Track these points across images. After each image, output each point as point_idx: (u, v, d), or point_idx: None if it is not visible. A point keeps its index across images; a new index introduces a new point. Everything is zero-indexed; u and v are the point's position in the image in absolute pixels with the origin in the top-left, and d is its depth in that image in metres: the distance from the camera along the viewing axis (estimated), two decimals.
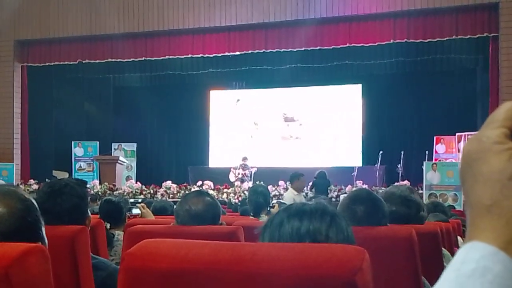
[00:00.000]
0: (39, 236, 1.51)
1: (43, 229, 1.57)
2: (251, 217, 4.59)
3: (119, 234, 3.87)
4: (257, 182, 11.29)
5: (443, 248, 3.01)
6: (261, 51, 12.84)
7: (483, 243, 0.52)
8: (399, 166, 13.05)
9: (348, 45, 12.24)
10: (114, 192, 11.89)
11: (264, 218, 4.52)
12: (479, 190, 0.55)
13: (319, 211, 1.24)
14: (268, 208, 4.79)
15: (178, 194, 12.07)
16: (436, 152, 13.39)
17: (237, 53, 13.02)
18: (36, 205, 1.56)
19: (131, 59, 13.65)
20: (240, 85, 16.61)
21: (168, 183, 12.69)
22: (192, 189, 11.50)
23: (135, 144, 16.12)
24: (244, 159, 14.08)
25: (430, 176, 11.45)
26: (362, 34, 12.10)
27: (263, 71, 14.20)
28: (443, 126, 13.72)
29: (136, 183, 13.29)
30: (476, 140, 0.57)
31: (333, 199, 10.90)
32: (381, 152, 13.26)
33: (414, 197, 2.77)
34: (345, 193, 10.85)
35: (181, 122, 16.82)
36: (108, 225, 3.77)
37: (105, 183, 12.47)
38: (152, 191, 12.54)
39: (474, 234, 0.54)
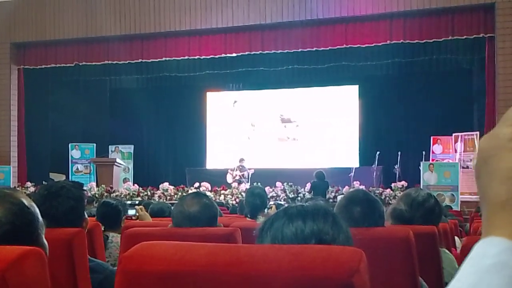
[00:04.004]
0: (33, 240, 1.50)
1: (42, 233, 1.56)
2: (248, 219, 4.58)
3: (113, 236, 3.87)
4: (254, 184, 11.29)
5: (445, 249, 3.02)
6: (258, 52, 12.85)
7: (500, 238, 0.53)
8: (396, 167, 13.06)
9: (344, 46, 12.26)
10: (111, 194, 11.88)
11: (261, 219, 4.51)
12: (495, 187, 0.55)
13: (322, 211, 1.24)
14: (265, 210, 4.79)
15: (176, 196, 12.07)
16: (433, 152, 13.41)
17: (234, 54, 13.03)
18: (33, 209, 1.54)
19: (128, 61, 13.65)
20: (237, 86, 16.61)
21: (165, 185, 12.68)
22: (190, 191, 11.50)
23: (132, 146, 16.11)
24: (241, 160, 14.08)
25: (427, 176, 11.47)
26: (358, 35, 12.12)
27: (260, 72, 14.20)
28: (439, 127, 13.75)
29: (133, 185, 13.28)
30: (492, 136, 0.58)
31: (331, 200, 10.91)
32: (378, 152, 13.27)
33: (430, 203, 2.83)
34: (343, 194, 10.85)
35: (178, 123, 16.80)
36: (102, 227, 3.76)
37: (102, 185, 12.45)
38: (149, 193, 12.54)
39: (491, 229, 0.54)
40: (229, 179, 13.79)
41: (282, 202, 9.45)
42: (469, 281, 0.51)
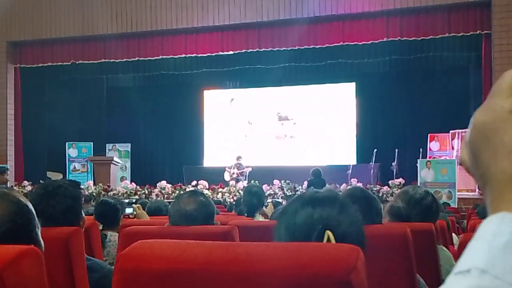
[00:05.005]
0: (32, 238, 1.50)
1: (38, 231, 1.56)
2: (245, 217, 4.58)
3: (111, 235, 3.86)
4: (252, 182, 11.29)
5: (442, 246, 3.02)
6: (255, 50, 12.85)
7: None
8: (393, 164, 13.08)
9: (341, 43, 12.27)
10: (109, 193, 11.86)
11: (259, 217, 4.52)
12: (502, 161, 0.53)
13: (330, 198, 1.34)
14: (263, 208, 4.79)
15: (173, 194, 12.04)
16: (430, 149, 13.44)
17: (231, 52, 13.02)
18: (30, 207, 1.55)
19: (124, 60, 13.63)
20: (234, 84, 16.60)
21: (163, 183, 12.67)
22: (187, 189, 11.48)
23: (129, 145, 16.09)
24: (239, 158, 14.07)
25: (424, 173, 11.48)
26: (355, 33, 12.13)
27: (257, 70, 14.20)
28: (436, 124, 13.76)
29: (130, 183, 13.26)
30: (489, 110, 0.56)
31: None
32: (375, 150, 13.29)
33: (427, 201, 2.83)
34: (340, 191, 10.84)
35: (175, 122, 16.79)
36: (101, 226, 3.76)
37: (100, 184, 12.43)
38: (146, 192, 12.51)
39: (500, 205, 0.52)
40: (226, 177, 13.78)
41: (280, 200, 9.46)
42: (483, 259, 0.49)
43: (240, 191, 11.53)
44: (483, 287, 0.47)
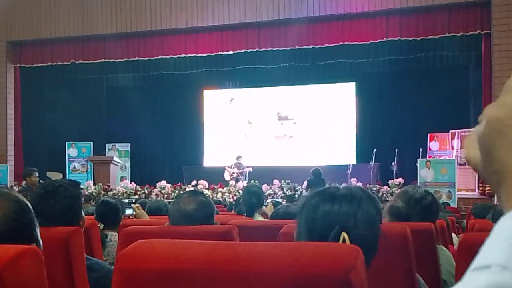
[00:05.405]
0: (33, 237, 1.51)
1: (38, 230, 1.57)
2: (245, 217, 4.59)
3: (112, 235, 3.87)
4: (252, 181, 11.29)
5: (442, 246, 3.02)
6: (254, 50, 12.85)
7: None
8: (393, 164, 13.08)
9: (341, 43, 12.26)
10: (109, 193, 11.86)
11: (258, 217, 4.52)
12: None
13: (349, 196, 1.43)
14: (262, 208, 4.79)
15: (173, 194, 12.04)
16: (429, 149, 13.44)
17: (230, 52, 13.02)
18: (30, 207, 1.55)
19: (124, 59, 13.63)
20: (233, 84, 16.59)
21: (163, 183, 12.67)
22: (187, 189, 11.47)
23: (129, 144, 16.10)
24: (238, 157, 14.07)
25: (424, 173, 11.48)
26: (355, 32, 12.13)
27: (257, 70, 14.19)
28: (436, 124, 13.76)
29: (130, 183, 13.26)
30: (502, 106, 0.55)
31: None
32: (375, 150, 13.29)
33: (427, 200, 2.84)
34: None
35: (175, 121, 16.79)
36: (102, 226, 3.76)
37: (100, 184, 12.43)
38: (146, 191, 12.51)
39: None
40: (226, 176, 13.78)
41: (279, 200, 9.46)
42: (503, 256, 0.48)
43: (240, 191, 11.52)
44: (503, 283, 0.46)
